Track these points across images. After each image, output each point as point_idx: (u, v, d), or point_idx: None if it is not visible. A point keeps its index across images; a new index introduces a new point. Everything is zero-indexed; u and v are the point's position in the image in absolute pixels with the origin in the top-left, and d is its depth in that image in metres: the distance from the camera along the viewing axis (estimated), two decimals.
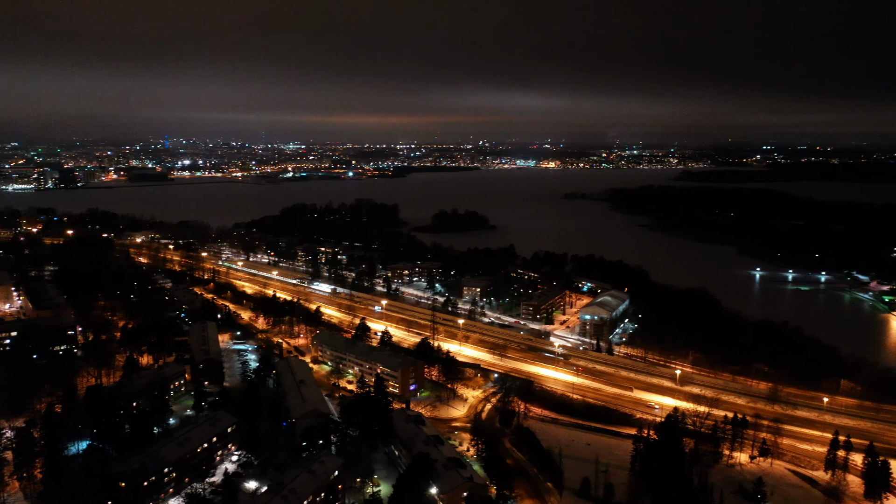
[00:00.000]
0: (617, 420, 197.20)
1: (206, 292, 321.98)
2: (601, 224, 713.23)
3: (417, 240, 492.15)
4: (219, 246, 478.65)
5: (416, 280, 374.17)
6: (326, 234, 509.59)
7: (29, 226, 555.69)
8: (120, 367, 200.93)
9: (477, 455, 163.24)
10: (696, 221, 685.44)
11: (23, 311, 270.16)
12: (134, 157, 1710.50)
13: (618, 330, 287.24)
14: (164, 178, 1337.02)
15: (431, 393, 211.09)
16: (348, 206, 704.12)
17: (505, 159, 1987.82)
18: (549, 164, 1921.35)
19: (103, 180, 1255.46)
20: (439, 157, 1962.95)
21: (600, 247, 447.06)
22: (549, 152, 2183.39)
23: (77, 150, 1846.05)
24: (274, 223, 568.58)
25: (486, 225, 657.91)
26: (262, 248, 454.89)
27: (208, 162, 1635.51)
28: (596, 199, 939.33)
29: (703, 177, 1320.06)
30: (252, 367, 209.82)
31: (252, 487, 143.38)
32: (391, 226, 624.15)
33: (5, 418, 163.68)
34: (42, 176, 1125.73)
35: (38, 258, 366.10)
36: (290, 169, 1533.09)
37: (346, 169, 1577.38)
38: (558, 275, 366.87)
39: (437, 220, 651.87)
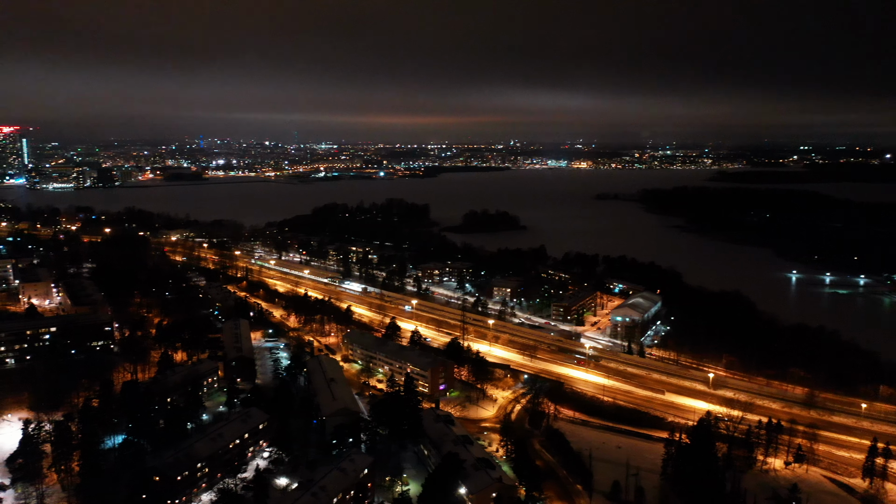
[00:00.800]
0: (648, 423, 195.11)
1: (239, 290, 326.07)
2: (633, 225, 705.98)
3: (448, 240, 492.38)
4: (252, 245, 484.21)
5: (447, 280, 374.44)
6: (357, 234, 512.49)
7: (68, 224, 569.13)
8: (155, 363, 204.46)
9: (506, 456, 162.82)
10: (730, 223, 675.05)
11: (62, 307, 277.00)
12: (169, 156, 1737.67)
13: (649, 332, 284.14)
14: (198, 177, 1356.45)
15: (461, 393, 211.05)
16: (379, 206, 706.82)
17: (536, 159, 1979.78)
18: (580, 164, 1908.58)
19: (140, 179, 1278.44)
20: (470, 157, 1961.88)
21: (632, 248, 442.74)
22: (580, 152, 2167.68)
23: (115, 149, 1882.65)
24: (306, 222, 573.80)
25: (517, 225, 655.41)
26: (294, 247, 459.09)
27: (242, 162, 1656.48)
28: (628, 200, 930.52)
29: (738, 177, 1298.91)
30: (283, 364, 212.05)
31: (283, 484, 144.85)
32: (422, 226, 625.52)
33: (44, 412, 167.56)
34: (81, 175, 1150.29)
35: (76, 256, 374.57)
36: (322, 169, 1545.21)
37: (377, 169, 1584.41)
38: (589, 276, 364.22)
39: (467, 220, 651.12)
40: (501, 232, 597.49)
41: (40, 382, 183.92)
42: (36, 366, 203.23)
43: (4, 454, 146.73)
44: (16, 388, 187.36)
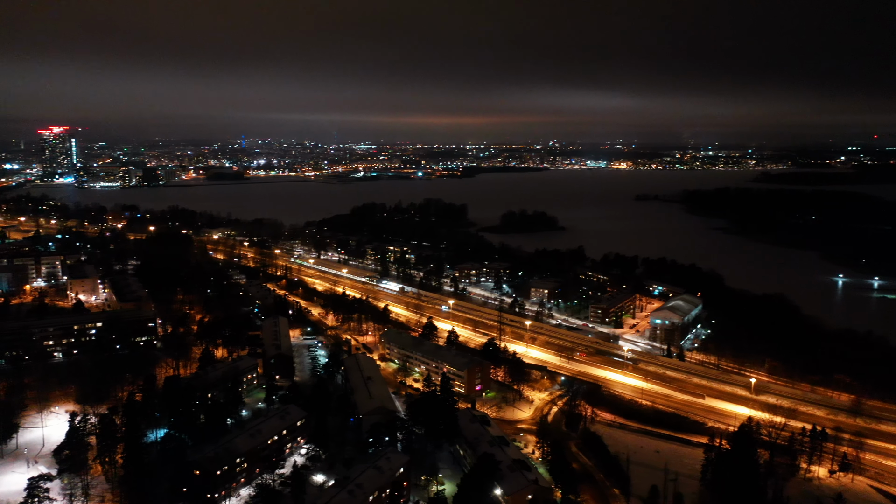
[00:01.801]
0: (688, 428, 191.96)
1: (279, 288, 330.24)
2: (674, 226, 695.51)
3: (485, 240, 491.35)
4: (291, 243, 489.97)
5: (484, 280, 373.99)
6: (395, 234, 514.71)
7: (114, 222, 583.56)
8: (196, 359, 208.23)
9: (542, 458, 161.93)
10: (774, 225, 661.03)
11: (108, 303, 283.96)
12: (212, 156, 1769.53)
13: (690, 335, 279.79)
14: (240, 176, 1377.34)
15: (497, 394, 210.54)
16: (417, 206, 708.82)
17: (575, 160, 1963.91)
18: (620, 164, 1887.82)
19: (183, 179, 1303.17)
20: (508, 158, 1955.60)
21: (673, 250, 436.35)
22: (620, 153, 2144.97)
23: (159, 149, 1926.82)
24: (344, 222, 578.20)
25: (555, 226, 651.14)
26: (332, 246, 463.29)
27: (282, 161, 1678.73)
28: (669, 201, 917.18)
29: (783, 179, 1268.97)
30: (321, 362, 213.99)
31: (320, 481, 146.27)
32: (459, 226, 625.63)
33: (90, 405, 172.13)
34: (127, 174, 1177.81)
35: (122, 253, 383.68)
36: (361, 169, 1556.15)
37: (415, 169, 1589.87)
38: (628, 278, 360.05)
39: (505, 220, 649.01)
40: (539, 232, 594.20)
41: (86, 376, 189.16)
42: (82, 360, 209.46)
43: (52, 445, 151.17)
44: (63, 381, 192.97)
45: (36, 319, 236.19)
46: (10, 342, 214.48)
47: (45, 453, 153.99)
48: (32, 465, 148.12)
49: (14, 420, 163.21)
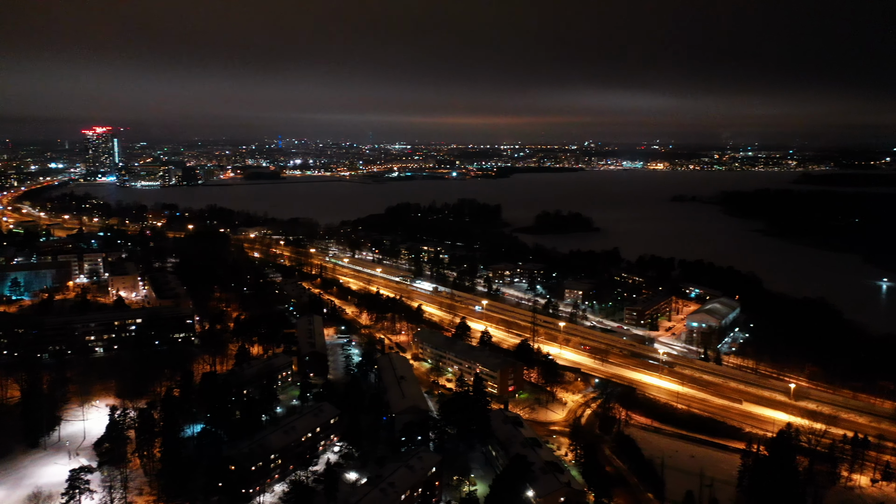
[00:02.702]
0: (724, 433, 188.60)
1: (314, 287, 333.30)
2: (712, 228, 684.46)
3: (519, 241, 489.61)
4: (326, 243, 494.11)
5: (517, 281, 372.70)
6: (429, 234, 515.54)
7: (154, 220, 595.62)
8: (232, 355, 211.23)
9: (575, 460, 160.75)
10: (816, 227, 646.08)
11: (147, 300, 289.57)
12: (249, 156, 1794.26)
13: (727, 339, 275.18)
14: (276, 176, 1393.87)
15: (530, 395, 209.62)
16: (451, 206, 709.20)
17: (611, 160, 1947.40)
18: (657, 165, 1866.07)
19: (221, 178, 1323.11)
20: (543, 158, 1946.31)
21: (710, 252, 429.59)
22: (657, 153, 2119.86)
23: (198, 149, 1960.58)
24: (379, 222, 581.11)
25: (590, 227, 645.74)
26: (367, 245, 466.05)
27: (318, 161, 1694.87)
28: (707, 203, 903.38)
29: (824, 180, 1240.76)
30: (355, 361, 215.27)
31: (352, 479, 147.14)
32: (493, 226, 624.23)
33: (130, 399, 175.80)
34: (167, 174, 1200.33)
35: (161, 251, 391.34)
36: (396, 169, 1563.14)
37: (449, 169, 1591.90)
38: (664, 280, 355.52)
39: (539, 221, 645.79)
40: (574, 233, 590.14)
41: (126, 371, 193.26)
42: (123, 355, 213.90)
43: (93, 438, 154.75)
44: (104, 375, 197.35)
45: (78, 315, 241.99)
46: (54, 337, 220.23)
47: (86, 446, 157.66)
48: (74, 458, 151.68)
49: (57, 413, 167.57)
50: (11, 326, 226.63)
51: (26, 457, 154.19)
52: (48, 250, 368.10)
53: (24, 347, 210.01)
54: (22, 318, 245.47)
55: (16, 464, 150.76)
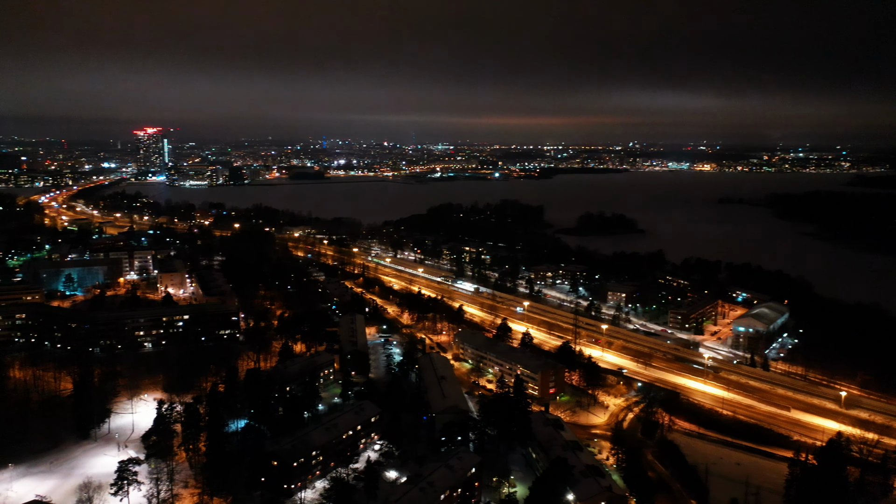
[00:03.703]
0: (771, 441, 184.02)
1: (356, 286, 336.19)
2: (760, 231, 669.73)
3: (562, 242, 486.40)
4: (369, 242, 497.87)
5: (559, 283, 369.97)
6: (471, 234, 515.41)
7: (202, 219, 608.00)
8: (276, 353, 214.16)
9: (616, 465, 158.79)
10: (869, 231, 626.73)
11: (194, 296, 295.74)
12: (294, 156, 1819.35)
13: (775, 345, 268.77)
14: (320, 176, 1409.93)
15: (571, 398, 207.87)
16: (493, 207, 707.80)
17: (656, 161, 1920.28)
18: (703, 166, 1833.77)
19: (267, 178, 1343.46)
20: (587, 159, 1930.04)
21: (758, 255, 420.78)
22: (704, 154, 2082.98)
23: (245, 149, 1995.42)
24: (421, 222, 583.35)
25: (634, 229, 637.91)
26: (409, 245, 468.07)
27: (362, 162, 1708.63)
28: (755, 205, 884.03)
29: (879, 182, 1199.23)
30: (396, 360, 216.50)
31: (392, 477, 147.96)
32: (535, 227, 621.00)
33: (176, 394, 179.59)
34: (214, 173, 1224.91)
35: (208, 249, 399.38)
36: (439, 169, 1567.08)
37: (492, 170, 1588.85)
38: (710, 283, 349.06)
39: (582, 222, 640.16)
40: (617, 235, 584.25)
41: (173, 366, 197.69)
42: (170, 350, 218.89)
43: (141, 431, 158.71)
44: (152, 370, 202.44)
45: (128, 311, 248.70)
46: (105, 332, 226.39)
47: (134, 438, 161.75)
48: (123, 449, 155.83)
49: (107, 405, 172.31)
50: (65, 321, 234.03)
51: (78, 447, 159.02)
52: (100, 247, 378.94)
53: (77, 342, 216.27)
54: (75, 313, 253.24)
55: (68, 454, 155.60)
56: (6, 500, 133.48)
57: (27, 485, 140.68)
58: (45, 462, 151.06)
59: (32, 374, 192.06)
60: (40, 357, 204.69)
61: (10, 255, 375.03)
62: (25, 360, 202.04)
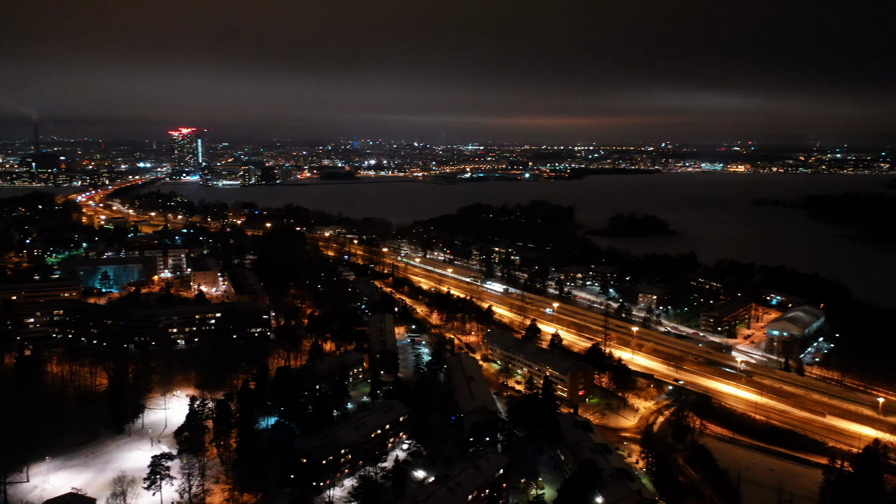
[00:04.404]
0: (805, 447, 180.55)
1: (385, 286, 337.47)
2: (796, 233, 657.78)
3: (592, 243, 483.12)
4: (398, 242, 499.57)
5: (590, 284, 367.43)
6: (501, 235, 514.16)
7: (234, 218, 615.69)
8: (306, 351, 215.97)
9: (646, 469, 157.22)
10: None
11: (226, 295, 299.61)
12: (325, 156, 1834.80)
13: (810, 349, 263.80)
14: (351, 176, 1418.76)
15: (600, 400, 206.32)
16: (523, 207, 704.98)
17: (688, 162, 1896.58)
18: (737, 167, 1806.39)
19: (298, 178, 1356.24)
20: (618, 160, 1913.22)
21: (793, 258, 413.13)
22: (738, 155, 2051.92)
23: (277, 149, 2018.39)
24: (450, 222, 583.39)
25: (666, 230, 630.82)
26: (438, 245, 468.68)
27: (392, 162, 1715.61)
28: (791, 207, 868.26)
29: None
30: (424, 360, 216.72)
31: (420, 476, 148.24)
32: (566, 228, 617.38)
33: (208, 390, 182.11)
34: (247, 173, 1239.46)
35: (240, 248, 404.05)
36: (468, 169, 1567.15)
37: (522, 170, 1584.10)
38: (744, 286, 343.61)
39: (613, 223, 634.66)
40: (649, 236, 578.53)
41: (205, 363, 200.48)
42: (202, 347, 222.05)
43: (173, 426, 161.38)
44: (185, 366, 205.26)
45: (162, 308, 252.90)
46: (140, 328, 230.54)
47: (167, 433, 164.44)
48: (156, 444, 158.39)
49: (141, 401, 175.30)
50: (101, 318, 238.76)
51: (112, 442, 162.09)
52: (135, 246, 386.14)
53: (113, 338, 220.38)
54: (111, 309, 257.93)
55: (103, 448, 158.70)
56: (43, 492, 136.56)
57: (63, 477, 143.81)
58: (80, 455, 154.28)
59: (69, 369, 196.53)
60: (77, 353, 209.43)
61: (49, 253, 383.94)
62: (63, 355, 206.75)
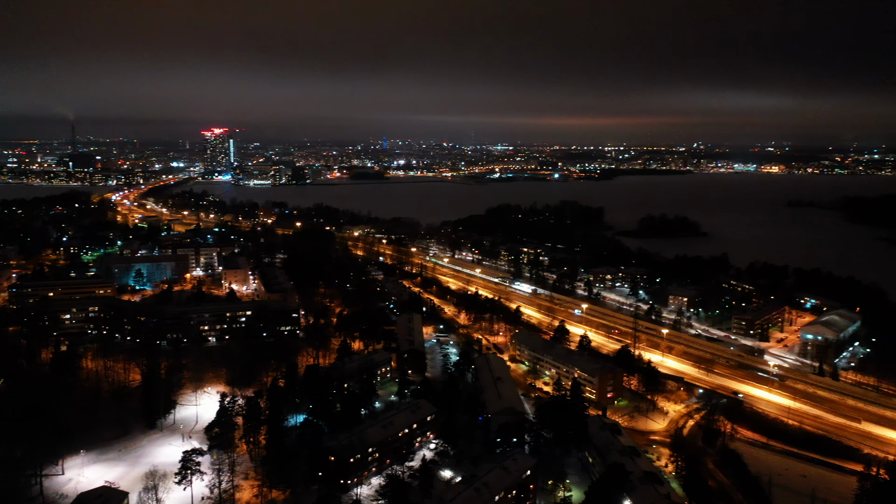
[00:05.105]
0: (840, 453, 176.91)
1: (414, 286, 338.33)
2: (831, 235, 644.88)
3: (622, 244, 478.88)
4: (427, 242, 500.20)
5: (619, 285, 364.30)
6: (529, 235, 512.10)
7: (265, 217, 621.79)
8: (335, 350, 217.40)
9: (675, 472, 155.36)
10: None
11: (257, 293, 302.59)
12: (355, 156, 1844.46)
13: (845, 354, 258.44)
14: (380, 176, 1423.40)
15: (629, 402, 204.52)
16: (552, 208, 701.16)
17: (721, 163, 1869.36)
18: (771, 168, 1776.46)
19: (328, 177, 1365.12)
20: (649, 160, 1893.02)
21: (828, 260, 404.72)
22: (772, 155, 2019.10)
23: (307, 149, 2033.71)
24: (479, 222, 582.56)
25: (697, 232, 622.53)
26: (466, 245, 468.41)
27: (421, 162, 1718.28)
28: (826, 208, 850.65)
29: None
30: (452, 360, 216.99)
31: (447, 476, 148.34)
32: (595, 229, 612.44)
33: (238, 387, 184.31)
34: (277, 173, 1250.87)
35: (271, 246, 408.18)
36: (497, 170, 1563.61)
37: (551, 171, 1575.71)
38: (777, 288, 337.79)
39: (643, 224, 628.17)
40: (680, 238, 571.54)
41: (236, 360, 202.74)
42: (233, 345, 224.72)
43: (204, 422, 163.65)
44: (216, 363, 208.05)
45: (194, 306, 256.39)
46: (172, 325, 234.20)
47: (197, 429, 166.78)
48: (187, 440, 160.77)
49: (172, 397, 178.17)
50: (135, 314, 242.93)
51: (145, 437, 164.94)
52: (168, 244, 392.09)
53: (146, 334, 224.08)
54: (144, 307, 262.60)
55: (135, 443, 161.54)
56: (78, 484, 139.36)
57: (97, 471, 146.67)
58: (114, 449, 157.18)
59: (104, 365, 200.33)
60: (111, 349, 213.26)
61: (84, 251, 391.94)
62: (97, 351, 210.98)
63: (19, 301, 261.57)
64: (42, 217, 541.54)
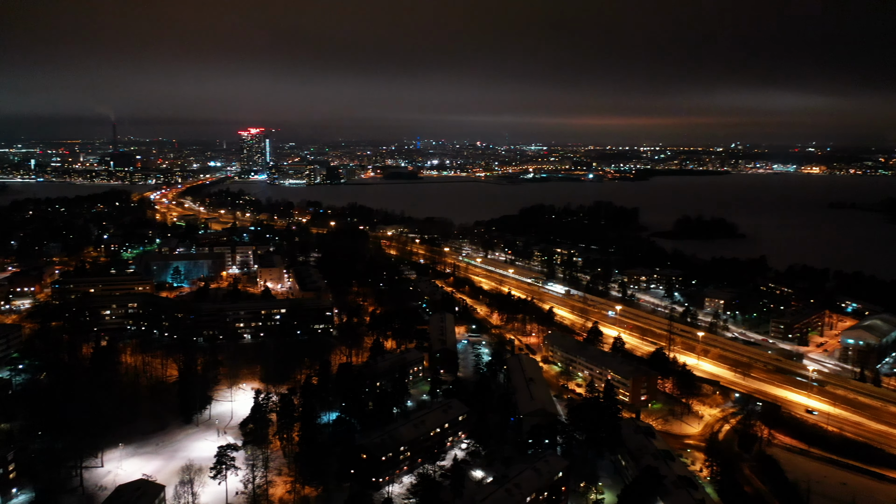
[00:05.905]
0: (882, 461, 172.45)
1: (446, 285, 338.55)
2: (874, 238, 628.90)
3: (657, 245, 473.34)
4: (460, 242, 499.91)
5: (654, 287, 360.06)
6: (563, 236, 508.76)
7: (300, 216, 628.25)
8: (367, 348, 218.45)
9: (710, 477, 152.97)
10: None
11: (291, 291, 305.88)
12: (389, 156, 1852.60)
13: (888, 359, 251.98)
14: (414, 176, 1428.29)
15: (664, 406, 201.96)
16: (586, 209, 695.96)
17: (759, 163, 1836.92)
18: (812, 169, 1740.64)
19: (362, 177, 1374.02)
20: (685, 160, 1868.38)
21: (871, 264, 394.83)
22: (812, 156, 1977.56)
23: (342, 149, 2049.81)
24: (512, 222, 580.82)
25: (735, 233, 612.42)
26: (499, 246, 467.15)
27: (454, 162, 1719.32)
28: (869, 210, 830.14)
29: None
30: (484, 360, 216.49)
31: (478, 476, 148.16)
32: (630, 230, 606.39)
33: (272, 384, 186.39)
34: (312, 172, 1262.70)
35: (305, 245, 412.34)
36: (531, 170, 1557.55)
37: (586, 171, 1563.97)
38: (817, 292, 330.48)
39: (679, 225, 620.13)
40: (716, 239, 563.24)
41: (270, 357, 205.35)
42: (267, 342, 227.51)
43: (239, 418, 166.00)
44: (251, 360, 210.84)
45: (230, 303, 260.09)
46: (208, 322, 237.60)
47: (232, 425, 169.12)
48: (222, 435, 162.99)
49: (208, 393, 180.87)
50: (172, 311, 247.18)
51: (181, 431, 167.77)
52: (205, 242, 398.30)
53: (183, 331, 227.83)
54: (181, 304, 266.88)
55: (172, 437, 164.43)
56: (116, 477, 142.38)
57: (135, 464, 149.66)
58: (151, 443, 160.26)
59: (142, 360, 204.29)
60: (149, 344, 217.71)
61: (124, 248, 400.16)
62: (136, 346, 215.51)
63: (62, 297, 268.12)
64: (84, 215, 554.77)
